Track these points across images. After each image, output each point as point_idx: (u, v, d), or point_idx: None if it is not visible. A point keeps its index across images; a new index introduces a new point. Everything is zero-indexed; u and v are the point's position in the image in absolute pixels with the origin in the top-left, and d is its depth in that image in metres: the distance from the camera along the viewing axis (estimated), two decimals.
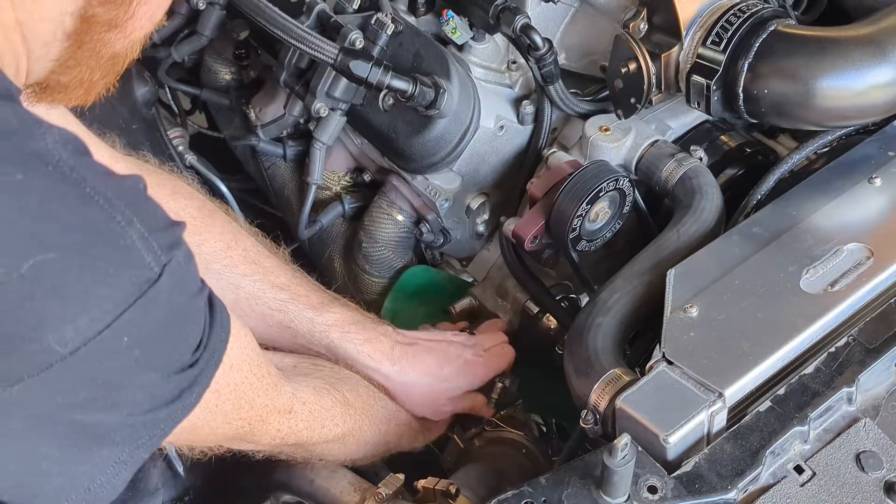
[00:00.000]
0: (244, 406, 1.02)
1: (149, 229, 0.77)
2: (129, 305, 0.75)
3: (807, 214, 1.19)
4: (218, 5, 1.57)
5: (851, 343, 1.07)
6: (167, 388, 0.82)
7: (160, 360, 0.81)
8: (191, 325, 0.84)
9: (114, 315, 0.74)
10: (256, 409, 1.04)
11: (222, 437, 1.05)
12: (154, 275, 0.77)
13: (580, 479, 0.96)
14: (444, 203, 1.48)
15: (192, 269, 0.84)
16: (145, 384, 0.80)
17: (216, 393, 0.93)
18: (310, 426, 1.14)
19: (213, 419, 0.98)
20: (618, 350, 1.12)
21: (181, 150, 1.62)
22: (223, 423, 1.01)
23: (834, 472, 0.98)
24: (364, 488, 1.20)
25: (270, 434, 1.09)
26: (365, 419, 1.22)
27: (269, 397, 1.06)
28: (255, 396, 1.03)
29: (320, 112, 1.44)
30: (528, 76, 1.47)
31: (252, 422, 1.05)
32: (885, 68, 1.21)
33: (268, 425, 1.08)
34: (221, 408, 0.98)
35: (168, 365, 0.82)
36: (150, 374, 0.80)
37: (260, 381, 1.03)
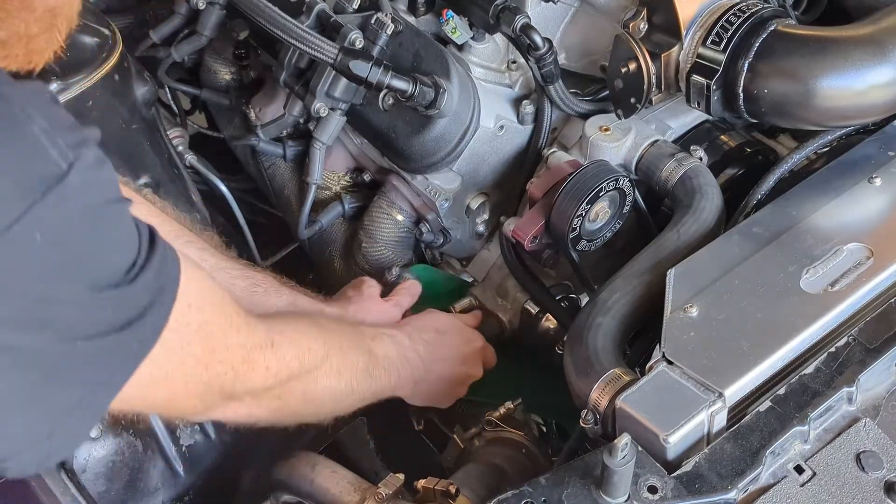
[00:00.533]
0: (218, 348, 0.97)
1: (52, 127, 0.75)
2: (37, 200, 0.72)
3: (807, 214, 1.19)
4: (218, 5, 1.57)
5: (851, 343, 1.07)
6: (107, 308, 0.79)
7: (85, 267, 0.77)
8: (114, 234, 0.81)
9: (20, 209, 0.72)
10: (234, 350, 1.00)
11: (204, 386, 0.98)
12: (61, 170, 0.74)
13: (580, 479, 0.96)
14: (444, 203, 1.48)
15: (106, 174, 0.80)
16: (72, 298, 0.76)
17: (177, 333, 0.88)
18: (297, 354, 1.10)
19: (184, 364, 0.93)
20: (618, 350, 1.12)
21: (181, 150, 1.62)
22: (198, 367, 0.95)
23: (834, 472, 0.98)
24: (364, 488, 1.20)
25: (260, 373, 1.04)
26: (340, 337, 1.20)
27: (243, 335, 1.01)
28: (228, 336, 0.98)
29: (320, 112, 1.44)
30: (528, 76, 1.47)
31: (235, 365, 1.00)
32: (885, 68, 1.21)
33: (254, 365, 1.03)
34: (190, 350, 0.93)
35: (93, 276, 0.78)
36: (75, 286, 0.76)
37: (229, 320, 0.99)
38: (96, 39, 1.40)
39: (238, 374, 1.01)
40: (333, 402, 1.20)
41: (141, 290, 0.82)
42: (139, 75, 1.47)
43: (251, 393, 1.05)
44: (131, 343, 0.82)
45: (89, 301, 0.78)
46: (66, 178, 0.74)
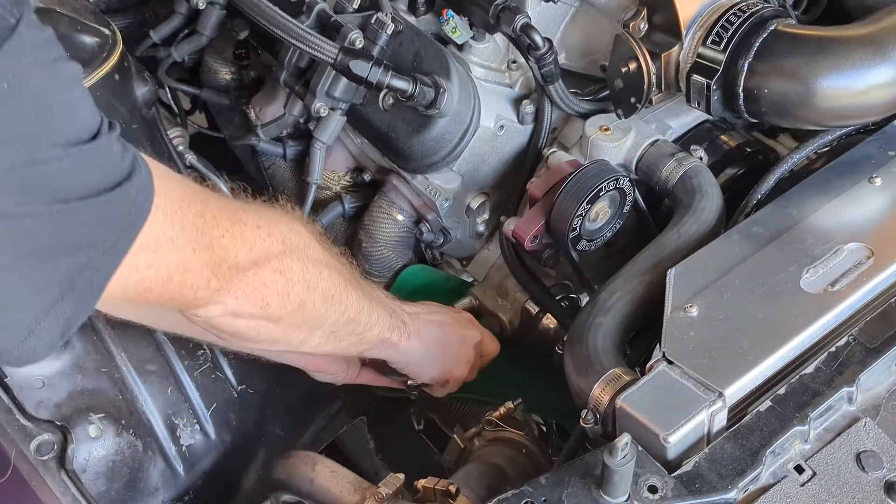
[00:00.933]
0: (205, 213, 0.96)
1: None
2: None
3: (807, 214, 1.19)
4: (218, 5, 1.57)
5: (852, 343, 1.07)
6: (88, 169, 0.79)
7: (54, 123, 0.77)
8: (75, 89, 0.80)
9: None
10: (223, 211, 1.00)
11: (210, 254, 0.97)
12: (10, 24, 0.74)
13: (580, 479, 0.96)
14: (444, 203, 1.48)
15: (50, 34, 0.79)
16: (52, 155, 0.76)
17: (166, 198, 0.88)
18: (282, 231, 1.08)
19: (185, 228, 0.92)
20: (618, 350, 1.12)
21: (181, 149, 1.61)
22: (198, 234, 0.94)
23: (834, 471, 0.98)
24: (364, 488, 1.20)
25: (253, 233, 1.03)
26: (336, 263, 1.18)
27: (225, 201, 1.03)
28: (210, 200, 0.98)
29: (320, 112, 1.44)
30: (528, 76, 1.47)
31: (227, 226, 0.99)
32: (885, 68, 1.21)
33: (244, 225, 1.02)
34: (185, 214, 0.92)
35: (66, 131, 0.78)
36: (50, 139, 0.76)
37: (205, 192, 0.99)
38: (96, 39, 1.40)
39: (234, 235, 1.00)
40: (328, 326, 1.17)
41: (118, 151, 0.81)
42: (139, 75, 1.47)
43: (254, 263, 1.03)
44: (125, 202, 0.82)
45: (69, 157, 0.77)
46: (16, 29, 0.74)
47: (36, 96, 0.76)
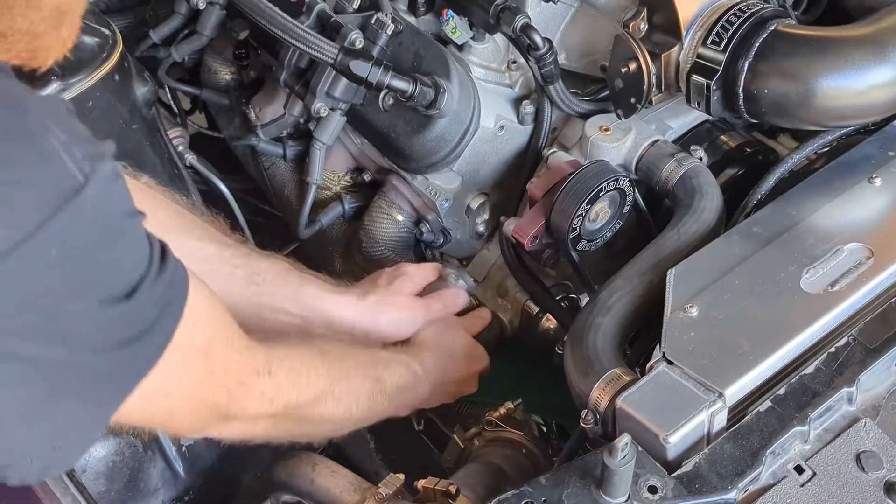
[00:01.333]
0: (217, 370, 0.97)
1: (70, 139, 0.74)
2: (54, 213, 0.72)
3: (807, 214, 1.19)
4: (218, 5, 1.57)
5: (852, 343, 1.06)
6: (116, 322, 0.79)
7: (97, 280, 0.77)
8: (126, 249, 0.80)
9: (36, 222, 0.71)
10: (233, 373, 1.00)
11: (202, 405, 0.99)
12: (78, 183, 0.74)
13: (580, 479, 0.96)
14: (444, 203, 1.48)
15: (122, 187, 0.79)
16: (83, 312, 0.76)
17: (180, 350, 0.88)
18: (295, 382, 1.10)
19: (185, 382, 0.93)
20: (618, 350, 1.12)
21: (181, 150, 1.62)
22: (198, 387, 0.96)
23: (834, 472, 0.98)
24: (364, 488, 1.20)
25: (255, 399, 1.04)
26: (348, 365, 1.20)
27: (243, 358, 1.02)
28: (228, 359, 0.99)
29: (320, 112, 1.44)
30: (528, 76, 1.47)
31: (231, 387, 1.00)
32: (885, 68, 1.21)
33: (250, 388, 1.03)
34: (191, 370, 0.93)
35: (105, 290, 0.78)
36: (85, 299, 0.76)
37: (230, 342, 0.99)
38: (96, 39, 1.40)
39: (234, 396, 1.01)
40: (330, 426, 1.21)
41: (149, 304, 0.82)
42: (139, 75, 1.48)
43: (245, 416, 1.06)
44: (137, 358, 0.82)
45: (99, 315, 0.78)
46: (82, 191, 0.74)
47: (85, 258, 0.76)
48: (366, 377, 1.22)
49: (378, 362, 1.25)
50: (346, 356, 1.21)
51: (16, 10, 0.81)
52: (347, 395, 1.18)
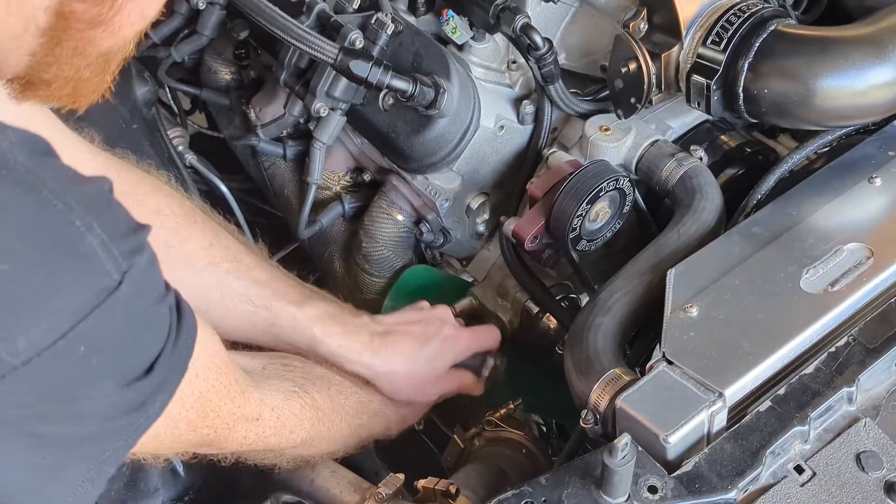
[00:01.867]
0: (210, 414, 1.00)
1: (110, 235, 0.74)
2: (87, 315, 0.72)
3: (807, 214, 1.19)
4: (218, 5, 1.57)
5: (852, 343, 1.06)
6: (126, 397, 0.80)
7: (118, 370, 0.78)
8: (150, 334, 0.81)
9: (69, 325, 0.72)
10: (223, 417, 1.02)
11: (186, 444, 1.03)
12: (114, 283, 0.74)
13: (580, 479, 0.96)
14: (444, 203, 1.48)
15: (154, 274, 0.80)
16: (102, 394, 0.77)
17: (180, 402, 0.90)
18: (277, 432, 1.12)
19: (177, 427, 0.96)
20: (618, 350, 1.12)
21: (181, 149, 1.62)
22: (187, 430, 0.98)
23: (834, 472, 0.98)
24: (364, 488, 1.20)
25: (237, 441, 1.08)
26: (335, 418, 1.22)
27: (236, 405, 1.04)
28: (222, 404, 1.01)
29: (320, 112, 1.44)
30: (528, 76, 1.47)
31: (218, 429, 1.03)
32: (885, 68, 1.21)
33: (234, 433, 1.06)
34: (185, 416, 0.96)
35: (126, 374, 0.79)
36: (106, 384, 0.77)
37: (227, 389, 1.01)
38: None
39: (218, 436, 1.04)
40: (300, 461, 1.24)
41: (162, 373, 0.82)
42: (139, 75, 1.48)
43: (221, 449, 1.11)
44: (141, 419, 0.82)
45: (117, 395, 0.79)
46: (117, 290, 0.74)
47: (112, 350, 0.77)
48: (350, 429, 1.25)
49: (364, 412, 1.28)
50: (337, 409, 1.22)
51: (62, 59, 0.80)
52: (325, 444, 1.22)
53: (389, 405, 1.33)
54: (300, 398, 1.17)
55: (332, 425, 1.21)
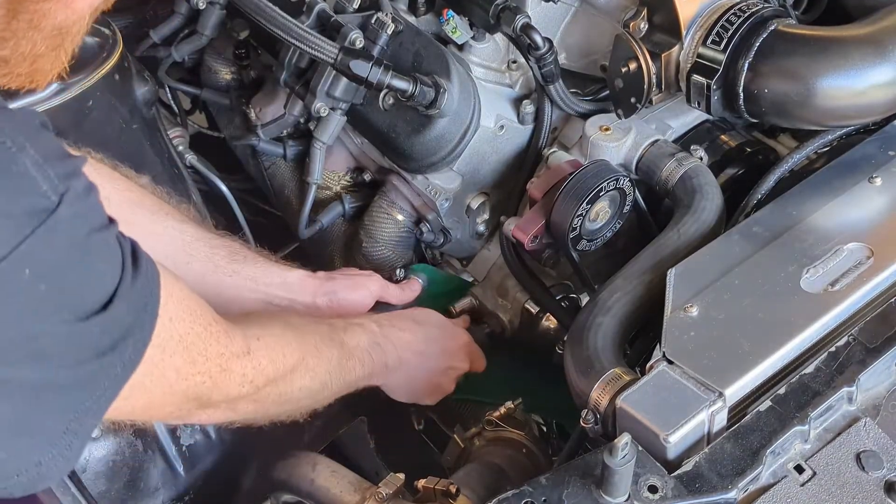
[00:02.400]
0: (198, 359, 0.97)
1: (43, 157, 0.75)
2: (27, 236, 0.72)
3: (807, 214, 1.19)
4: (218, 5, 1.57)
5: (852, 342, 1.06)
6: (92, 335, 0.79)
7: (71, 299, 0.77)
8: (101, 263, 0.80)
9: (10, 246, 0.71)
10: (213, 359, 1.00)
11: (182, 396, 0.99)
12: (52, 203, 0.74)
13: (580, 479, 0.96)
14: (444, 203, 1.48)
15: (94, 202, 0.80)
16: (61, 329, 0.76)
17: (160, 348, 0.89)
18: (272, 359, 1.10)
19: (165, 376, 0.93)
20: (618, 350, 1.12)
21: (181, 149, 1.62)
22: (178, 379, 0.96)
23: (834, 471, 0.98)
24: (364, 488, 1.20)
25: (237, 381, 1.05)
26: (312, 335, 1.20)
27: (222, 344, 1.01)
28: (208, 346, 0.99)
29: (320, 112, 1.44)
30: (528, 76, 1.47)
31: (212, 373, 1.00)
32: (886, 68, 1.21)
33: (230, 373, 1.03)
34: (171, 362, 0.93)
35: (81, 306, 0.78)
36: (63, 315, 0.76)
37: (207, 330, 0.99)
38: (96, 39, 1.40)
39: (216, 382, 1.01)
40: (309, 400, 1.21)
41: (124, 311, 0.81)
42: (139, 75, 1.48)
43: (227, 400, 1.06)
44: (115, 366, 0.82)
45: (75, 331, 0.78)
46: (56, 211, 0.74)
47: (59, 277, 0.76)
48: (331, 345, 1.22)
49: (336, 328, 1.26)
50: (308, 327, 1.22)
51: (19, 33, 0.81)
52: (319, 364, 1.19)
53: (355, 320, 1.32)
54: (276, 322, 1.17)
55: (315, 343, 1.19)
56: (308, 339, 1.19)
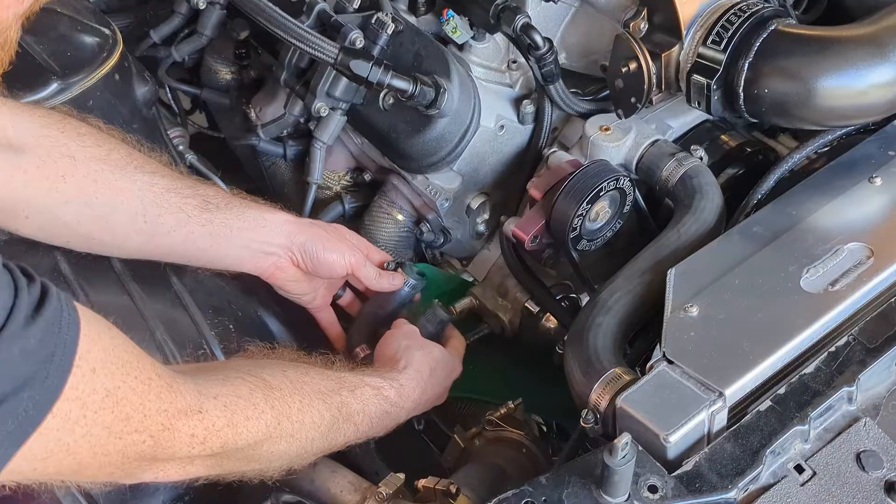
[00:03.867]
0: (133, 415, 0.88)
1: None
2: None
3: (807, 214, 1.19)
4: (218, 5, 1.57)
5: (852, 342, 1.07)
6: None
7: None
8: None
9: None
10: (152, 416, 0.90)
11: (119, 456, 0.89)
12: None
13: (580, 479, 0.96)
14: (444, 203, 1.48)
15: None
16: None
17: (78, 402, 0.81)
18: (231, 421, 0.99)
19: (91, 434, 0.84)
20: (618, 350, 1.12)
21: (181, 149, 1.62)
22: (109, 437, 0.87)
23: (834, 471, 0.98)
24: (364, 488, 1.20)
25: (184, 442, 0.95)
26: (303, 396, 1.09)
27: (164, 400, 0.92)
28: (146, 402, 0.90)
29: (320, 112, 1.44)
30: (528, 76, 1.47)
31: (153, 432, 0.91)
32: (885, 68, 1.21)
33: (176, 433, 0.94)
34: (97, 419, 0.84)
35: None
36: None
37: (146, 385, 0.90)
38: (97, 39, 1.40)
39: (158, 442, 0.93)
40: (283, 462, 1.11)
41: (16, 360, 0.75)
42: (139, 75, 1.48)
43: (177, 459, 0.97)
44: (6, 422, 0.75)
45: None
46: None
47: None
48: (326, 407, 1.11)
49: (343, 388, 1.15)
50: (300, 386, 1.10)
51: None
52: (300, 429, 1.08)
53: (373, 380, 1.20)
54: (246, 381, 1.04)
55: (300, 407, 1.08)
56: (291, 401, 1.07)
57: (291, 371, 1.12)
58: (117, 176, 1.21)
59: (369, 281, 1.38)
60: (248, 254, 1.30)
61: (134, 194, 1.22)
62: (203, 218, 1.26)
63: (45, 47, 1.34)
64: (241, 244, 1.29)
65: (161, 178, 1.25)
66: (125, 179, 1.21)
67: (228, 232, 1.27)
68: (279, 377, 1.08)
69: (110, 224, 1.21)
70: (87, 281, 1.26)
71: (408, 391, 1.23)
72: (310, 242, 1.32)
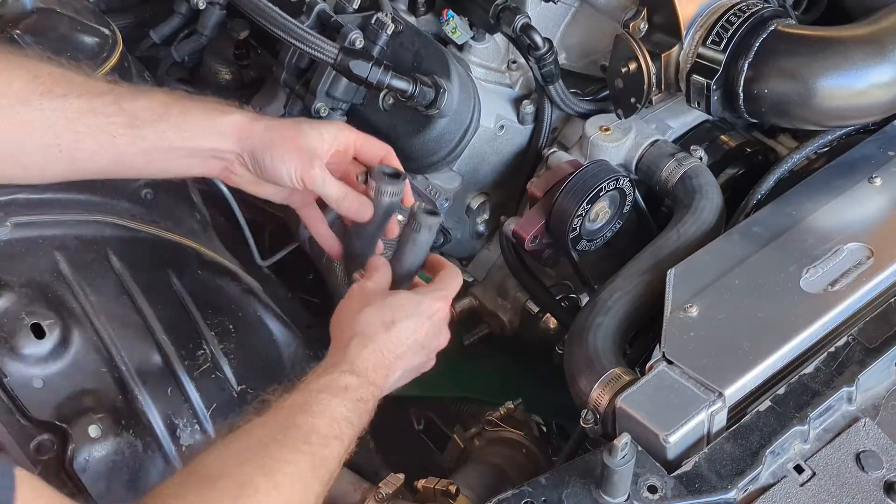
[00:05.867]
0: None
1: None
2: None
3: (807, 214, 1.19)
4: (218, 5, 1.57)
5: (851, 343, 1.07)
6: None
7: None
8: None
9: None
10: None
11: None
12: None
13: (580, 479, 0.96)
14: (444, 203, 1.48)
15: None
16: None
17: None
18: None
19: None
20: (618, 350, 1.12)
21: None
22: None
23: (834, 471, 0.98)
24: (364, 488, 1.20)
25: None
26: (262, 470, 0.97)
27: None
28: None
29: (320, 112, 1.44)
30: (528, 76, 1.47)
31: None
32: (885, 68, 1.21)
33: None
34: None
35: None
36: None
37: None
38: (96, 39, 1.40)
39: None
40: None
41: None
42: (139, 75, 1.48)
43: None
44: None
45: None
46: None
47: None
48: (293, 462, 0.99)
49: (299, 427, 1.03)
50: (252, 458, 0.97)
51: None
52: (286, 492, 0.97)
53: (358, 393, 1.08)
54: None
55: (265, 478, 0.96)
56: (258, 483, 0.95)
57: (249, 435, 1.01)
58: (19, 109, 1.13)
59: (331, 203, 1.23)
60: (196, 161, 1.21)
61: (41, 125, 1.13)
62: (132, 135, 1.16)
63: (45, 47, 1.34)
64: (184, 154, 1.19)
65: (76, 99, 1.15)
66: (29, 111, 1.13)
67: (167, 145, 1.18)
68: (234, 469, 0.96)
69: (21, 159, 1.15)
70: (87, 281, 1.26)
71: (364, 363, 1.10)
72: (259, 149, 1.20)
